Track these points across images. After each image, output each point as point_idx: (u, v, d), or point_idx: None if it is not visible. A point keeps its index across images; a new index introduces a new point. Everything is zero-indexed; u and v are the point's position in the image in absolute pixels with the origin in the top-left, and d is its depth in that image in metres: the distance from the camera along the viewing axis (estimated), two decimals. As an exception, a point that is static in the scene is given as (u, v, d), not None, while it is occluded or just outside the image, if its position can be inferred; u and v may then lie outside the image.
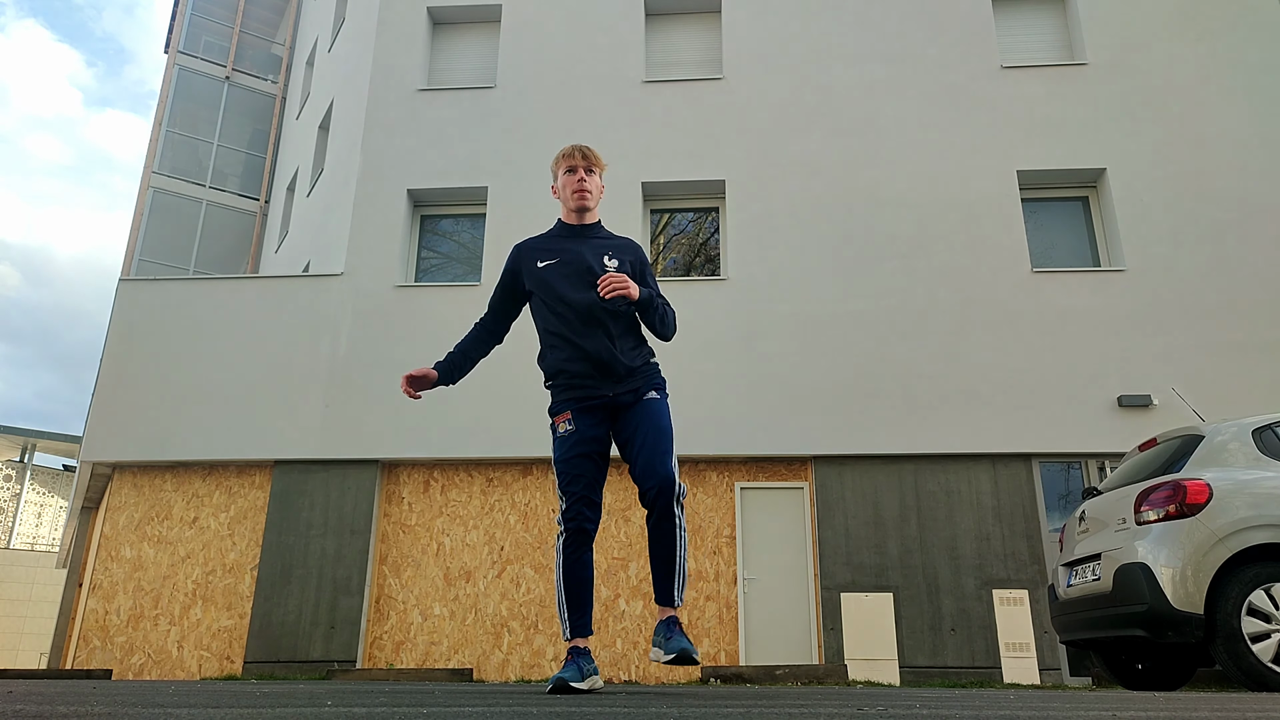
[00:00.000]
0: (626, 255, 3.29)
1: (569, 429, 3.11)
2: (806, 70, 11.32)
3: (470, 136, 11.40)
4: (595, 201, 3.30)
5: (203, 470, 10.33)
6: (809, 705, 2.29)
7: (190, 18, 19.20)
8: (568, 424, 3.12)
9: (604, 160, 3.35)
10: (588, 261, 3.19)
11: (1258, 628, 4.47)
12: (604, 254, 3.24)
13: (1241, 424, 5.10)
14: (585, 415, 3.12)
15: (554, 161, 3.32)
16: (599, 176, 3.32)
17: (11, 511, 27.05)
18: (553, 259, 3.23)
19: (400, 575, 9.81)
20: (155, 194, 17.62)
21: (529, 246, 3.33)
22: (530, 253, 3.30)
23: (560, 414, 3.15)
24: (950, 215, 10.49)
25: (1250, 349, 9.66)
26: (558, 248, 3.27)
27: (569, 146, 3.31)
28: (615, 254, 3.26)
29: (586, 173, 3.27)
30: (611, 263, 3.22)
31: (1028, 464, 9.59)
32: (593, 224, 3.33)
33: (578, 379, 3.14)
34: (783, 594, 9.42)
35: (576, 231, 3.31)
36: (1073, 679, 8.78)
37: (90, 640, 9.74)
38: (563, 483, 3.08)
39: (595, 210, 3.33)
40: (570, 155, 3.27)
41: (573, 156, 3.26)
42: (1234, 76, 10.79)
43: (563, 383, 3.18)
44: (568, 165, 3.27)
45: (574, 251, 3.23)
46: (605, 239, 3.33)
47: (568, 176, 3.28)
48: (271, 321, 10.72)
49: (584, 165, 3.26)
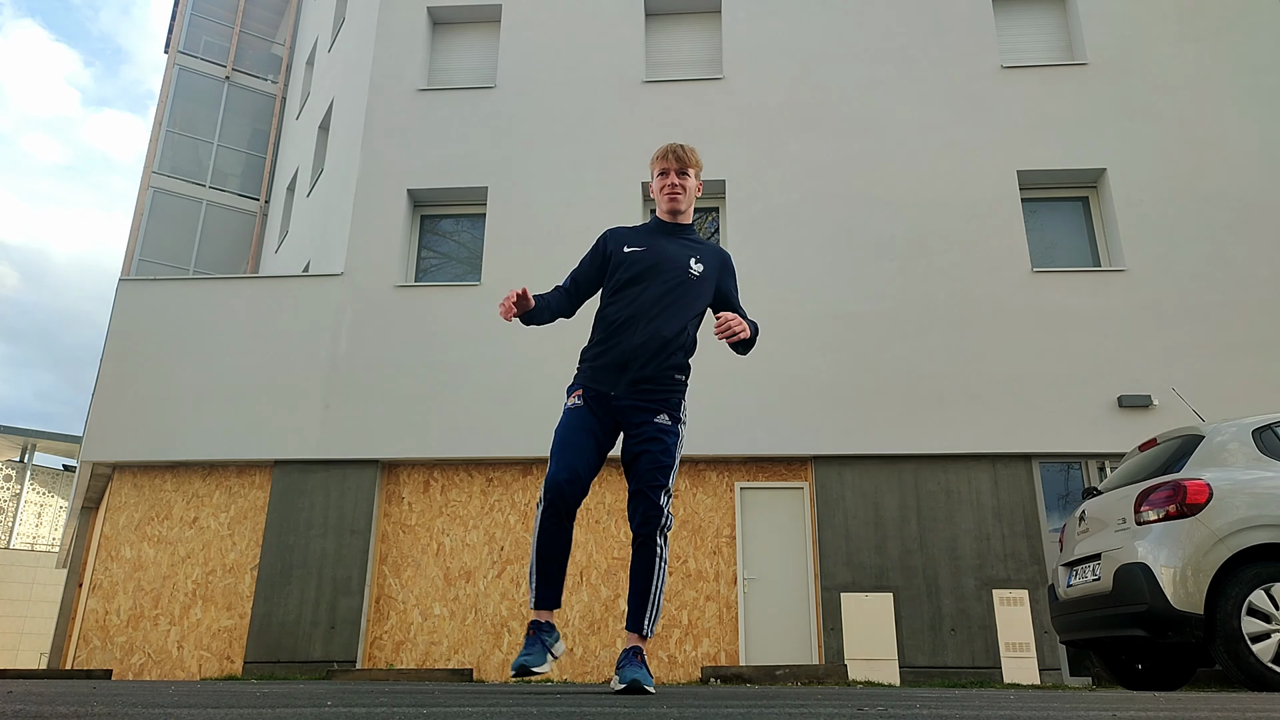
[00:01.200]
0: (713, 262, 3.29)
1: (577, 404, 3.15)
2: (806, 70, 11.32)
3: (470, 136, 11.40)
4: (688, 204, 3.31)
5: (203, 470, 10.34)
6: (809, 705, 2.29)
7: (190, 18, 19.20)
8: (578, 400, 3.15)
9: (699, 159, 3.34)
10: (670, 262, 3.20)
11: (1258, 628, 4.47)
12: (692, 256, 3.24)
13: (1241, 424, 5.10)
14: (593, 402, 3.14)
15: (651, 161, 3.34)
16: (694, 177, 3.32)
17: (11, 511, 27.05)
18: (640, 248, 3.25)
19: (400, 575, 9.81)
20: (155, 194, 17.62)
21: (620, 232, 3.36)
22: (619, 238, 3.32)
23: (573, 392, 3.20)
24: (950, 215, 10.49)
25: (1250, 349, 9.66)
26: (647, 240, 3.28)
27: (664, 146, 3.31)
28: (702, 259, 3.26)
29: (679, 175, 3.27)
30: (698, 266, 3.23)
31: (1028, 464, 9.59)
32: (684, 225, 3.34)
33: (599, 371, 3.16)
34: (783, 594, 9.42)
35: (668, 229, 3.32)
36: (1073, 679, 8.78)
37: (90, 640, 9.74)
38: (554, 449, 3.06)
39: (688, 212, 3.34)
40: (664, 157, 3.27)
41: (666, 159, 3.27)
42: (1234, 76, 10.79)
43: (585, 369, 3.21)
44: (660, 168, 3.28)
45: (661, 246, 3.25)
46: (695, 242, 3.33)
47: (660, 179, 3.29)
48: (271, 321, 10.72)
49: (676, 167, 3.26)
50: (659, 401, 3.13)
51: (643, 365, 3.10)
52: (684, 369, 3.23)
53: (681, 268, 3.19)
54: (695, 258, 3.24)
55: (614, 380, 3.12)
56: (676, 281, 3.16)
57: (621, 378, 3.11)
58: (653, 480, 3.04)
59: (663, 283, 3.15)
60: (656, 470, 3.05)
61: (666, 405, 3.14)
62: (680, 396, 3.21)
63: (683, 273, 3.18)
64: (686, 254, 3.24)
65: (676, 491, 9.78)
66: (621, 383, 3.11)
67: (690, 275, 3.20)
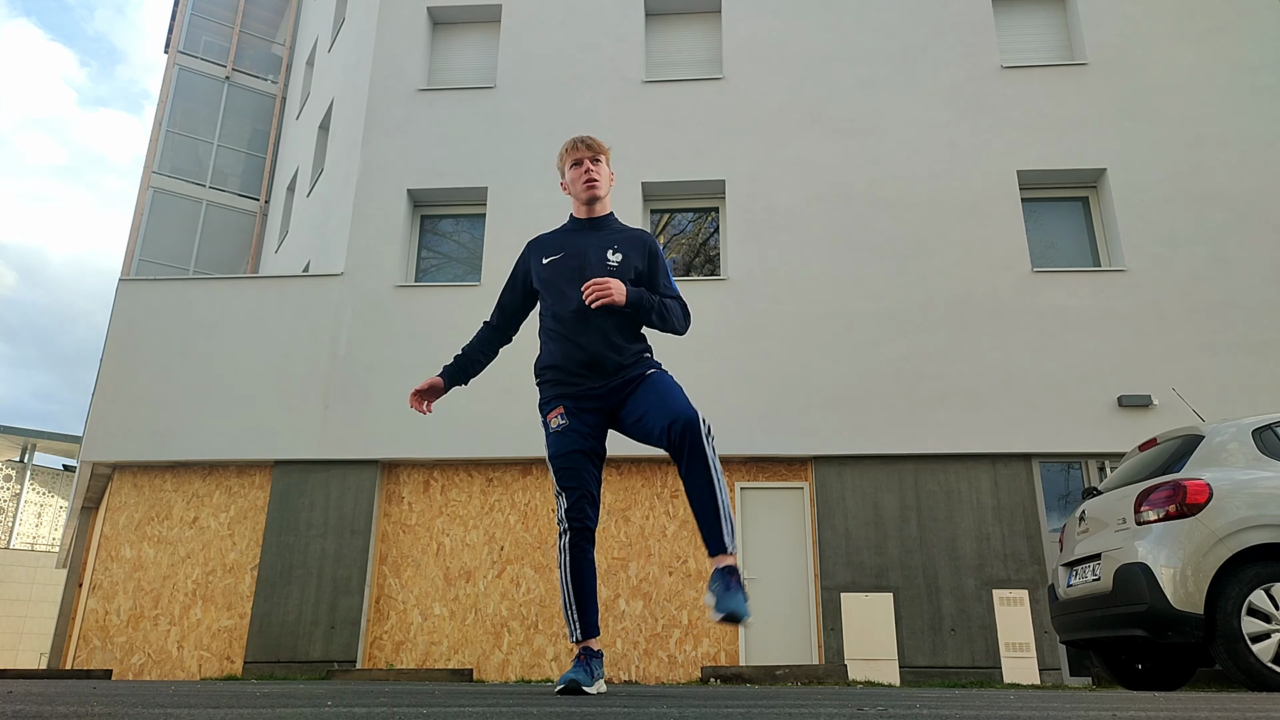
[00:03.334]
0: (634, 248, 3.19)
1: (562, 423, 3.05)
2: (806, 70, 11.32)
3: (470, 136, 11.40)
4: (605, 190, 3.23)
5: (203, 470, 10.33)
6: (809, 705, 2.29)
7: (190, 18, 19.20)
8: (560, 419, 3.05)
9: (606, 145, 3.27)
10: (588, 258, 3.12)
11: (1258, 628, 4.47)
12: (609, 248, 3.16)
13: (1241, 424, 5.10)
14: (578, 411, 3.06)
15: (558, 158, 3.27)
16: (606, 163, 3.25)
17: (11, 511, 27.04)
18: (557, 255, 3.18)
19: (400, 575, 9.81)
20: (155, 194, 17.62)
21: (538, 242, 3.29)
22: (538, 249, 3.26)
23: (551, 410, 3.08)
24: (950, 215, 10.49)
25: (1250, 349, 9.66)
26: (564, 243, 3.21)
27: (570, 140, 3.25)
28: (621, 247, 3.17)
29: (593, 162, 3.20)
30: (615, 257, 3.13)
31: (1028, 464, 9.59)
32: (603, 216, 3.26)
33: (567, 375, 3.08)
34: (783, 594, 9.42)
35: (586, 225, 3.25)
36: (1073, 679, 8.78)
37: (90, 640, 9.74)
38: (560, 480, 3.01)
39: (607, 200, 3.26)
40: (574, 148, 3.21)
41: (577, 149, 3.20)
42: (1234, 76, 10.79)
43: (551, 378, 3.12)
44: (573, 159, 3.21)
45: (578, 247, 3.17)
46: (615, 231, 3.25)
47: (575, 170, 3.22)
48: (271, 321, 10.72)
49: (589, 155, 3.20)
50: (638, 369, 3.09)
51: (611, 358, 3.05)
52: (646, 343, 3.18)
53: (599, 262, 3.12)
54: (612, 249, 3.16)
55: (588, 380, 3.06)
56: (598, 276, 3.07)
57: (601, 374, 3.06)
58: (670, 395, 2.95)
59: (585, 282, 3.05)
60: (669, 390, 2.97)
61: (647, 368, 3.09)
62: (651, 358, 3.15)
63: (601, 266, 3.11)
64: (603, 246, 3.16)
65: (676, 491, 9.78)
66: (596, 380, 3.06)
67: (609, 267, 3.11)
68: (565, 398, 3.08)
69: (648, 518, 9.76)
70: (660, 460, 9.74)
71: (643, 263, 3.20)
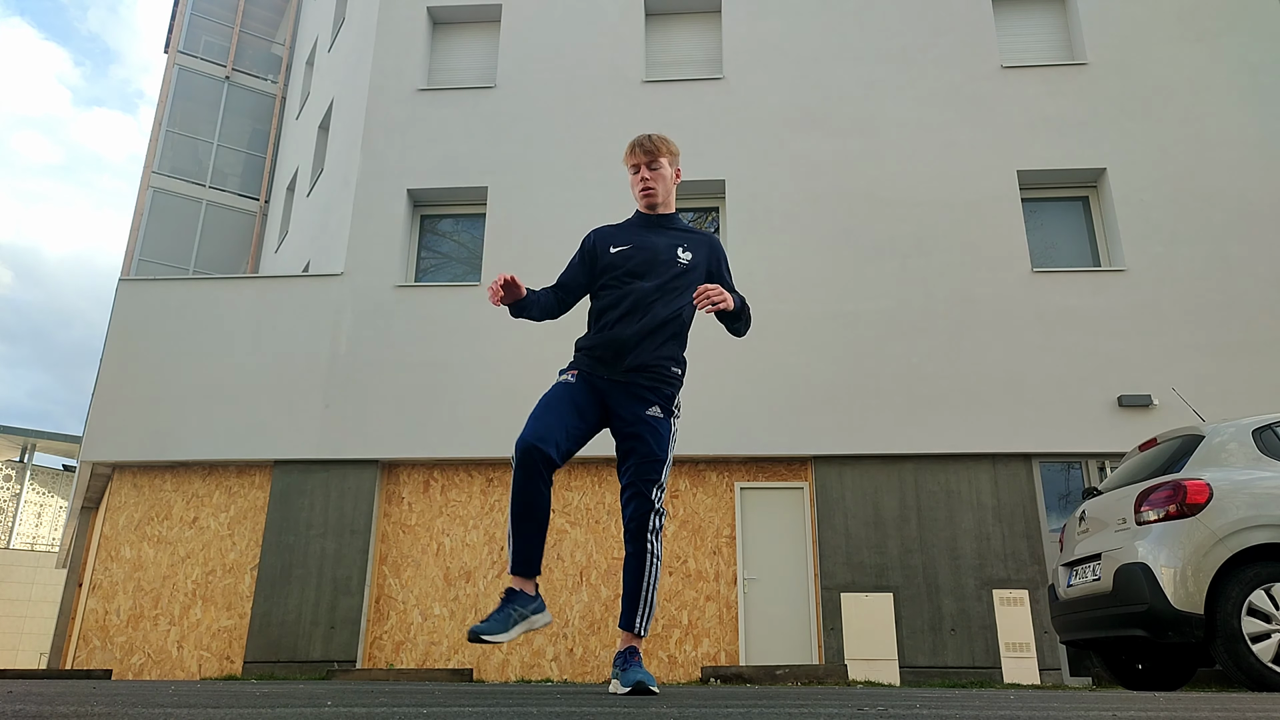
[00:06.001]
0: (702, 250, 3.22)
1: (569, 379, 3.10)
2: (806, 70, 11.32)
3: (470, 136, 11.40)
4: (663, 195, 3.24)
5: (203, 470, 10.33)
6: (809, 705, 2.29)
7: (190, 18, 19.20)
8: (570, 377, 3.11)
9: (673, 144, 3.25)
10: (659, 254, 3.15)
11: (1258, 628, 4.47)
12: (679, 246, 3.19)
13: (1241, 424, 5.10)
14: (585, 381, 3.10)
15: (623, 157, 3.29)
16: (668, 164, 3.24)
17: (11, 511, 27.04)
18: (626, 245, 3.20)
19: (400, 575, 9.81)
20: (155, 194, 17.62)
21: (605, 232, 3.30)
22: (605, 238, 3.26)
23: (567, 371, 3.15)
24: (950, 215, 10.48)
25: (1250, 349, 9.66)
26: (633, 237, 3.23)
27: (633, 141, 3.24)
28: (690, 248, 3.20)
29: (649, 168, 3.20)
30: (686, 255, 3.17)
31: (1028, 464, 9.59)
32: (669, 215, 3.28)
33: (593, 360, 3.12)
34: (783, 594, 9.42)
35: (652, 222, 3.26)
36: (1073, 679, 8.78)
37: (90, 640, 9.74)
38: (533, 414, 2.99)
39: (669, 201, 3.27)
40: (632, 151, 3.22)
41: (634, 153, 3.21)
42: (1234, 76, 10.79)
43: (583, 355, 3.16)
44: (631, 163, 3.23)
45: (648, 243, 3.19)
46: (681, 231, 3.26)
47: (633, 175, 3.24)
48: (271, 321, 10.72)
49: (645, 160, 3.20)
50: (651, 391, 3.08)
51: (638, 353, 3.06)
52: (679, 361, 3.18)
53: (670, 258, 3.15)
54: (683, 246, 3.19)
55: (610, 367, 3.08)
56: (667, 273, 3.12)
57: (617, 365, 3.07)
58: (645, 474, 3.00)
59: (655, 276, 3.11)
60: (649, 464, 3.02)
61: (659, 396, 3.09)
62: (674, 389, 3.16)
63: (672, 263, 3.14)
64: (674, 244, 3.19)
65: (676, 492, 9.78)
66: (617, 369, 3.08)
67: (679, 264, 3.15)
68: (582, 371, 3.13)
69: (648, 518, 9.75)
70: (660, 460, 9.73)
71: (709, 265, 3.24)
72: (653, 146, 3.20)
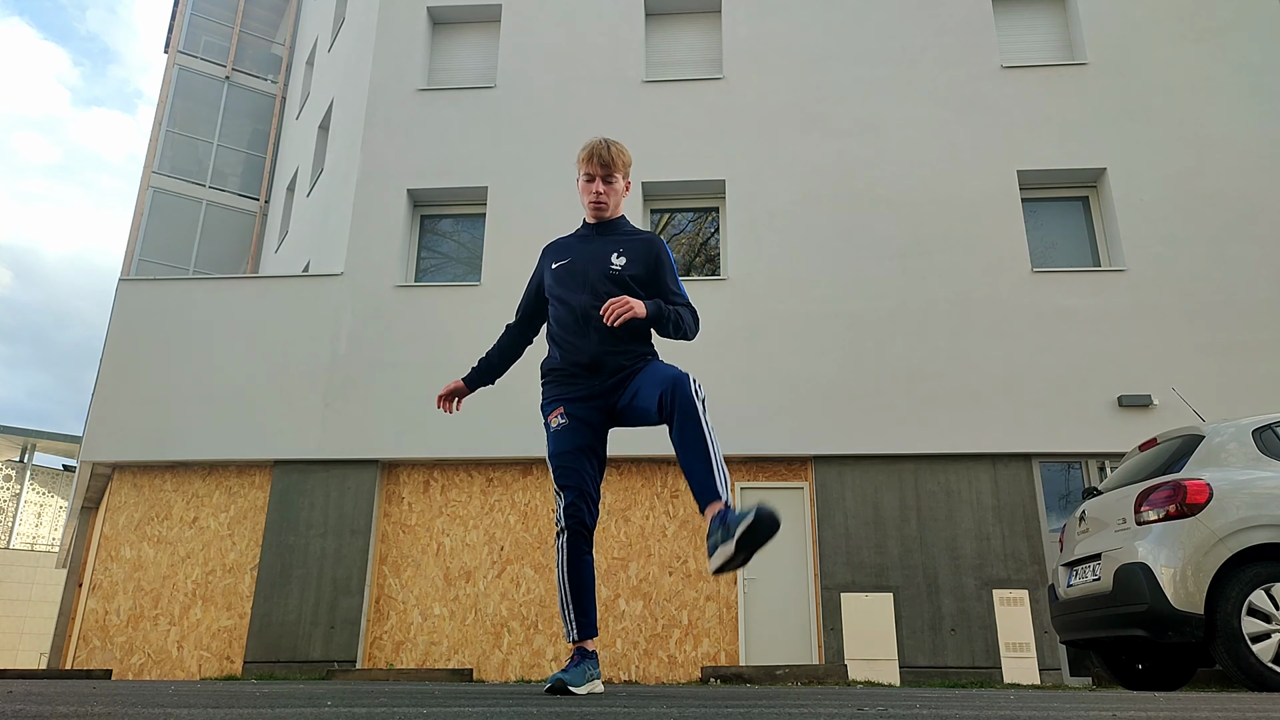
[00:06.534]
0: (640, 253, 3.17)
1: (562, 422, 3.06)
2: (806, 70, 11.32)
3: (470, 136, 11.40)
4: (612, 209, 3.23)
5: (203, 470, 10.33)
6: (809, 705, 2.29)
7: (190, 18, 19.21)
8: (560, 418, 3.06)
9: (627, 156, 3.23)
10: (592, 264, 3.14)
11: (1258, 628, 4.47)
12: (614, 252, 3.15)
13: (1241, 424, 5.10)
14: (579, 411, 3.07)
15: (577, 159, 3.23)
16: (622, 177, 3.22)
17: (11, 511, 27.04)
18: (564, 259, 3.20)
19: (400, 575, 9.81)
20: (155, 194, 17.63)
21: (551, 247, 3.31)
22: (550, 254, 3.28)
23: (552, 411, 3.10)
24: (950, 215, 10.49)
25: (1250, 349, 9.66)
26: (573, 248, 3.23)
27: (588, 148, 3.19)
28: (627, 251, 3.16)
29: (604, 181, 3.18)
30: (619, 261, 3.13)
31: (1028, 464, 9.58)
32: (611, 221, 3.26)
33: (569, 377, 3.10)
34: (783, 594, 9.42)
35: (594, 230, 3.26)
36: (1073, 679, 8.78)
37: (90, 640, 9.74)
38: (559, 478, 3.01)
39: (616, 209, 3.27)
40: (589, 160, 3.17)
41: (590, 162, 3.17)
42: (1234, 76, 10.79)
43: (553, 379, 3.14)
44: (586, 172, 3.20)
45: (584, 253, 3.18)
46: (624, 235, 3.23)
47: (585, 184, 3.22)
48: (271, 321, 10.72)
49: (601, 173, 3.17)
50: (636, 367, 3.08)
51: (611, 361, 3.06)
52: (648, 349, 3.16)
53: (603, 268, 3.12)
54: (617, 252, 3.16)
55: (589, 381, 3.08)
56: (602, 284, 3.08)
57: (597, 379, 3.07)
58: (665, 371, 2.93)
59: (587, 288, 3.08)
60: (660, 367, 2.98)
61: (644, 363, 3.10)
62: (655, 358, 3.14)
63: (605, 270, 3.12)
64: (609, 250, 3.16)
65: (676, 491, 9.78)
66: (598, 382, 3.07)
67: (612, 270, 3.12)
68: (565, 399, 3.10)
69: (648, 518, 9.76)
70: (660, 460, 9.74)
71: (647, 268, 3.17)
72: (610, 160, 3.16)
